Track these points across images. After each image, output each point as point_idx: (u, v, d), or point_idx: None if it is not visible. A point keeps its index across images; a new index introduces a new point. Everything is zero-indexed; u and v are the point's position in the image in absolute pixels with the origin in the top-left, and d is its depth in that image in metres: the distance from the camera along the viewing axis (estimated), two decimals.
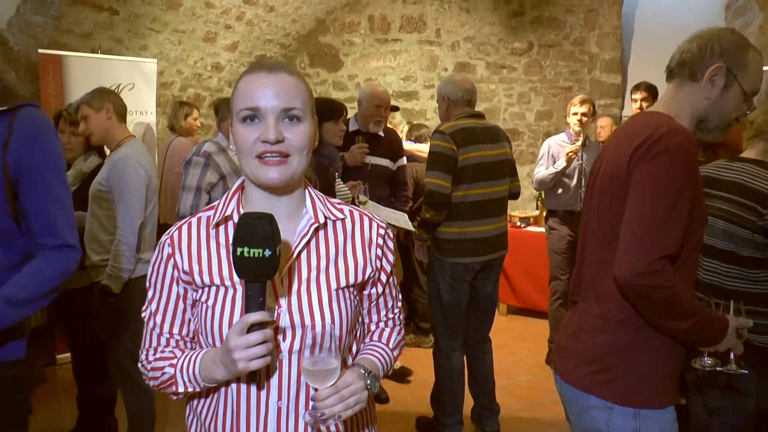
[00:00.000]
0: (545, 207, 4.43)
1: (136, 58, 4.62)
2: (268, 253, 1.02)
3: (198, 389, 1.17)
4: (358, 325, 1.26)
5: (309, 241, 1.19)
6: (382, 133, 3.74)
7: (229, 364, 1.06)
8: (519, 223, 5.32)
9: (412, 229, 3.47)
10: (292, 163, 1.13)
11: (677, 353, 1.51)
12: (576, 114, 4.08)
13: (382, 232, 1.26)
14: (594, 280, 1.56)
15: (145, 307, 1.24)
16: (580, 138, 4.02)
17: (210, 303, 1.15)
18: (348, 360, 1.22)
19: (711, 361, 1.57)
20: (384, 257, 1.26)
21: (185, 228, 1.21)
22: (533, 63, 6.43)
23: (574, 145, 4.00)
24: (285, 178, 1.13)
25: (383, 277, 1.27)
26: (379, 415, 1.36)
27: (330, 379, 1.08)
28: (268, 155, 1.11)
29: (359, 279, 1.21)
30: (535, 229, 5.23)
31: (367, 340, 1.30)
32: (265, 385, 1.13)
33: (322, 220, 1.19)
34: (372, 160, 3.62)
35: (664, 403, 1.48)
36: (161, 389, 1.21)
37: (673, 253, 1.38)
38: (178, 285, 1.20)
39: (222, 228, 1.20)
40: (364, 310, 1.29)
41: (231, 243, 1.06)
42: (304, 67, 6.77)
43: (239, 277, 1.08)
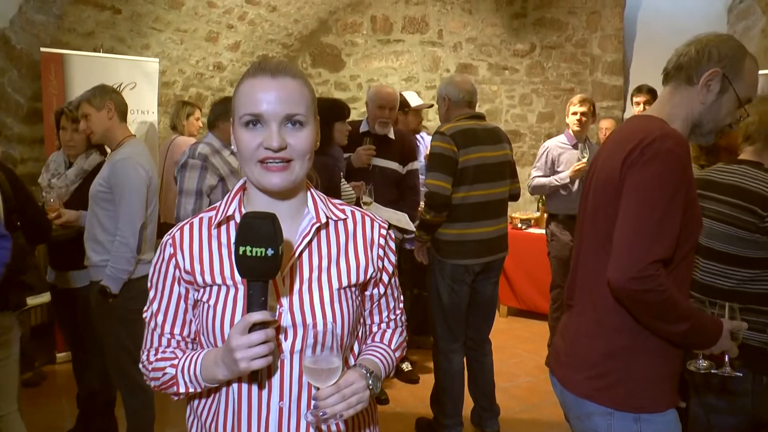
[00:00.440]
0: (546, 210, 4.41)
1: (138, 58, 4.61)
2: (270, 252, 1.02)
3: (199, 390, 1.17)
4: (360, 325, 1.26)
5: (311, 241, 1.18)
6: (392, 135, 3.66)
7: (231, 364, 1.06)
8: (519, 225, 5.32)
9: (413, 229, 3.46)
10: (295, 168, 1.13)
11: (675, 354, 1.51)
12: (575, 114, 4.04)
13: (383, 232, 1.26)
14: (589, 284, 1.56)
15: (146, 307, 1.24)
16: (585, 156, 3.88)
17: (211, 303, 1.15)
18: (350, 360, 1.22)
19: (706, 364, 1.58)
20: (386, 258, 1.26)
21: (187, 228, 1.21)
22: (535, 64, 6.43)
23: (581, 162, 3.89)
24: (287, 183, 1.13)
25: (385, 278, 1.27)
26: (379, 416, 1.35)
27: (331, 377, 1.07)
28: (271, 161, 1.11)
29: (361, 279, 1.21)
30: (535, 230, 5.22)
31: (369, 341, 1.30)
32: (267, 385, 1.13)
33: (323, 220, 1.19)
34: (378, 162, 3.58)
35: (663, 406, 1.47)
36: (162, 390, 1.21)
37: (667, 257, 1.38)
38: (179, 285, 1.20)
39: (224, 228, 1.20)
40: (366, 311, 1.29)
41: (233, 242, 1.05)
42: (306, 67, 6.76)
43: (241, 277, 1.08)
